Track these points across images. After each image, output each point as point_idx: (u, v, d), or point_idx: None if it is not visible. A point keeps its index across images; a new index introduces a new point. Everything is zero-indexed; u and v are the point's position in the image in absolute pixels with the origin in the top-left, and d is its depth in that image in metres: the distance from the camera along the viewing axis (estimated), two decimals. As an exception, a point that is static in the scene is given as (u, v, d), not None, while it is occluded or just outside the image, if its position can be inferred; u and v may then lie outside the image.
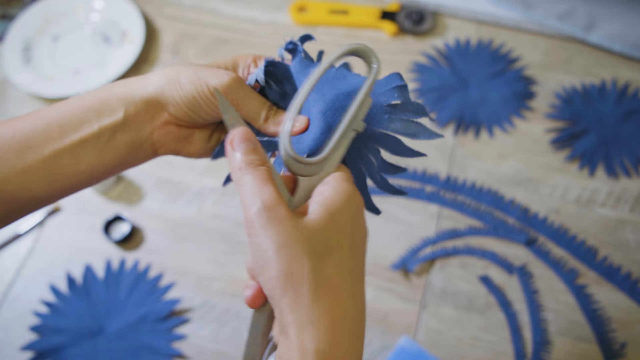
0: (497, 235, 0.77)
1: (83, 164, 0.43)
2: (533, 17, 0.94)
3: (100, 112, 0.43)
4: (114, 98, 0.43)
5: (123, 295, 0.74)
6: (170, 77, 0.43)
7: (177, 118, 0.44)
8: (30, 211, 0.44)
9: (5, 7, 1.00)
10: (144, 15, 0.98)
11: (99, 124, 0.42)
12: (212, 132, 0.47)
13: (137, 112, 0.43)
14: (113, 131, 0.43)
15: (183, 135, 0.45)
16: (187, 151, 0.46)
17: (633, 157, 0.83)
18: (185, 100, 0.43)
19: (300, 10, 0.98)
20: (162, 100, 0.43)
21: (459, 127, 0.86)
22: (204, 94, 0.42)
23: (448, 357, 0.70)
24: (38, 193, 0.42)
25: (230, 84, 0.42)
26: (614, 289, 0.74)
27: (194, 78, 0.43)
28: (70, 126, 0.42)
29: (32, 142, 0.41)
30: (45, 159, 0.42)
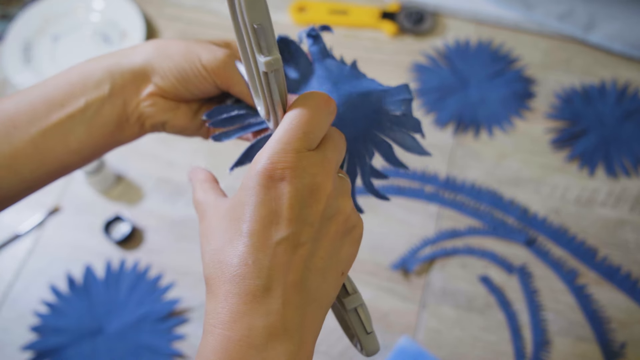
0: (497, 235, 0.77)
1: (71, 141, 0.42)
2: (533, 17, 0.94)
3: (85, 86, 0.42)
4: (99, 70, 0.42)
5: (123, 295, 0.74)
6: (160, 48, 0.42)
7: (163, 90, 0.43)
8: (20, 197, 0.43)
9: (5, 7, 1.00)
10: (144, 15, 0.98)
11: (85, 98, 0.42)
12: (198, 108, 0.46)
13: (123, 83, 0.42)
14: (100, 104, 0.42)
15: (169, 107, 0.44)
16: (173, 124, 0.45)
17: (633, 157, 0.83)
18: (175, 72, 0.42)
19: (300, 10, 0.98)
20: (149, 71, 0.42)
21: (458, 127, 0.86)
22: (196, 68, 0.42)
23: (448, 357, 0.70)
24: (27, 175, 0.41)
25: (225, 60, 0.42)
26: (614, 289, 0.74)
27: (185, 51, 0.42)
28: (55, 102, 0.41)
29: (17, 122, 0.40)
30: (32, 138, 0.40)
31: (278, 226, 0.32)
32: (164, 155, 0.85)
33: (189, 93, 0.44)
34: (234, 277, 0.32)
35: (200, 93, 0.44)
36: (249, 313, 0.32)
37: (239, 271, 0.32)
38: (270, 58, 0.33)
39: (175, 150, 0.85)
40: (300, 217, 0.33)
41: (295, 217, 0.32)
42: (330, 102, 0.35)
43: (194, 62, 0.42)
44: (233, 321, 0.31)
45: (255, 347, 0.31)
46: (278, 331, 0.32)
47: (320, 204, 0.33)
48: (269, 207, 0.32)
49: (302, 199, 0.33)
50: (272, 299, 0.32)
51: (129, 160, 0.84)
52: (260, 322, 0.31)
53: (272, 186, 0.32)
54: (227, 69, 0.42)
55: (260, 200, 0.32)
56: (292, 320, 0.32)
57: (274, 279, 0.32)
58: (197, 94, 0.44)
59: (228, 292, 0.32)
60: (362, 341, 0.38)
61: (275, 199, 0.32)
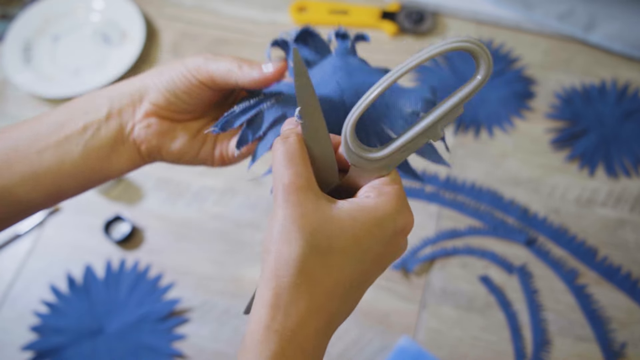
0: (497, 235, 0.77)
1: (67, 163, 0.42)
2: (533, 17, 0.94)
3: (85, 110, 0.43)
4: (100, 97, 0.44)
5: (123, 295, 0.74)
6: (155, 69, 0.44)
7: (157, 106, 0.44)
8: (14, 220, 0.44)
9: (5, 7, 1.00)
10: (144, 15, 0.98)
11: (84, 121, 0.43)
12: (197, 131, 0.46)
13: (120, 106, 0.43)
14: (97, 127, 0.43)
15: (164, 129, 0.45)
16: (168, 148, 0.45)
17: (633, 157, 0.83)
18: (165, 84, 0.43)
19: (300, 10, 0.98)
20: (144, 90, 0.44)
21: (459, 127, 0.86)
22: (180, 72, 0.43)
23: (448, 357, 0.70)
24: (22, 197, 0.42)
25: (206, 56, 0.43)
26: (614, 289, 0.74)
27: (173, 64, 0.44)
28: (56, 126, 0.42)
29: (19, 145, 0.42)
30: (30, 159, 0.42)
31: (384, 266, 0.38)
32: (164, 155, 0.85)
33: (181, 102, 0.44)
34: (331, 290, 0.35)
35: (191, 100, 0.44)
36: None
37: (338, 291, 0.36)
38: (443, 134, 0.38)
39: (175, 150, 0.85)
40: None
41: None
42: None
43: (179, 69, 0.43)
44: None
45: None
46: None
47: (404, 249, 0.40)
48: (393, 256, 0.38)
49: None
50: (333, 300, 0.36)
51: (129, 160, 0.84)
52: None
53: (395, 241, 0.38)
54: (206, 63, 0.43)
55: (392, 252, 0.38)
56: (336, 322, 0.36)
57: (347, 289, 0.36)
58: (189, 102, 0.44)
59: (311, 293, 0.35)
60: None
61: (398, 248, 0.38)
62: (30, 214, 0.44)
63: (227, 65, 0.42)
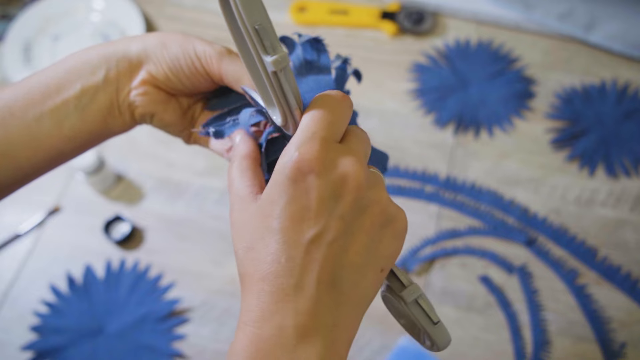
0: (497, 235, 0.77)
1: (66, 127, 0.42)
2: (533, 17, 0.94)
3: (81, 73, 0.42)
4: (96, 57, 0.43)
5: (123, 295, 0.74)
6: (158, 38, 0.43)
7: (156, 78, 0.43)
8: (17, 185, 0.43)
9: (5, 7, 1.00)
10: (144, 15, 0.98)
11: (81, 84, 0.42)
12: (188, 107, 0.46)
13: (118, 70, 0.42)
14: (94, 91, 0.42)
15: (160, 99, 0.44)
16: (160, 117, 0.45)
17: (633, 157, 0.83)
18: (168, 61, 0.42)
19: (300, 10, 0.98)
20: (144, 59, 0.43)
21: (459, 127, 0.86)
22: (189, 55, 0.42)
23: (448, 357, 0.70)
24: (23, 162, 0.41)
25: (220, 50, 0.42)
26: (614, 289, 0.74)
27: (181, 41, 0.42)
28: (51, 89, 0.42)
29: (14, 109, 0.41)
30: (28, 124, 0.41)
31: (309, 222, 0.32)
32: (164, 155, 0.85)
33: (181, 84, 0.44)
34: (267, 275, 0.32)
35: (192, 85, 0.44)
36: (280, 312, 0.31)
37: (272, 269, 0.32)
38: (277, 56, 0.32)
39: (175, 150, 0.85)
40: (331, 211, 0.32)
41: (325, 210, 0.32)
42: (347, 97, 0.35)
43: (187, 52, 0.42)
44: (264, 319, 0.31)
45: (284, 346, 0.31)
46: (309, 331, 0.31)
47: (351, 194, 0.32)
48: (299, 203, 0.32)
49: (332, 191, 0.32)
50: (303, 297, 0.31)
51: (129, 160, 0.84)
52: (291, 322, 0.31)
53: (301, 180, 0.32)
54: (220, 59, 0.42)
55: (290, 196, 0.32)
56: (323, 321, 0.31)
57: (305, 277, 0.31)
58: (188, 87, 0.44)
59: (261, 290, 0.32)
60: (431, 334, 0.36)
61: (305, 193, 0.32)
62: (33, 178, 0.43)
63: (241, 72, 0.42)
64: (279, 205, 0.32)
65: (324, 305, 0.32)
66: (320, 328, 0.31)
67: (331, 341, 0.32)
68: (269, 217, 0.33)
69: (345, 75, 0.44)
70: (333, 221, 0.32)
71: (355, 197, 0.32)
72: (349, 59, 0.44)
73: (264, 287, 0.32)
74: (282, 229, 0.32)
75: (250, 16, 0.31)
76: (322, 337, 0.31)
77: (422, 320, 0.36)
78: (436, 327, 0.36)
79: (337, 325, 0.32)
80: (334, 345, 0.32)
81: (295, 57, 0.45)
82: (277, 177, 0.33)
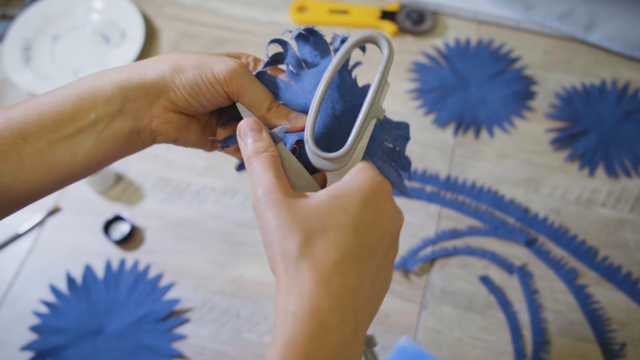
0: (497, 235, 0.77)
1: (80, 154, 0.42)
2: (533, 17, 0.94)
3: (95, 101, 0.42)
4: (110, 85, 0.42)
5: (123, 295, 0.74)
6: (173, 63, 0.43)
7: (176, 105, 0.43)
8: (27, 203, 0.43)
9: (5, 7, 1.00)
10: (144, 15, 0.98)
11: (95, 112, 0.42)
12: (205, 122, 0.47)
13: (135, 99, 0.42)
14: (110, 120, 0.42)
15: (183, 124, 0.45)
16: (185, 139, 0.46)
17: (633, 157, 0.83)
18: (187, 87, 0.42)
19: (300, 10, 0.98)
20: (162, 87, 0.42)
21: (459, 127, 0.86)
22: (207, 80, 0.42)
23: (448, 357, 0.70)
24: (34, 185, 0.41)
25: (237, 69, 0.42)
26: (614, 289, 0.74)
27: (197, 64, 0.42)
28: (65, 115, 0.41)
29: (26, 133, 0.40)
30: (41, 150, 0.41)
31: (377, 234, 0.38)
32: (164, 155, 0.85)
33: (202, 106, 0.44)
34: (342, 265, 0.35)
35: (212, 105, 0.44)
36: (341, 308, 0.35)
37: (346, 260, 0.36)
38: (385, 110, 0.40)
39: (175, 150, 0.85)
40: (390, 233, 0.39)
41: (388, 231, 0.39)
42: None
43: (206, 74, 0.42)
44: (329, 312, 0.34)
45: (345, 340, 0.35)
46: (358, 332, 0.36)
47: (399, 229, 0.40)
48: (381, 217, 0.38)
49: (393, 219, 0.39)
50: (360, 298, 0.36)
51: (128, 160, 0.84)
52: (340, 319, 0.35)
53: (386, 200, 0.38)
54: (238, 77, 0.42)
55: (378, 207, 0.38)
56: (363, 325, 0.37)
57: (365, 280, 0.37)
58: (208, 107, 0.44)
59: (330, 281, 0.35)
60: None
61: (384, 212, 0.38)
62: (43, 196, 0.44)
63: (258, 97, 0.43)
64: (365, 208, 0.37)
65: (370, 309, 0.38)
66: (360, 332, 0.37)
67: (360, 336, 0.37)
68: (345, 213, 0.36)
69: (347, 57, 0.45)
70: (386, 239, 0.38)
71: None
72: (347, 37, 0.45)
73: (333, 276, 0.35)
74: (360, 228, 0.36)
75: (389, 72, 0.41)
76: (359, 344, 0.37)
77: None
78: None
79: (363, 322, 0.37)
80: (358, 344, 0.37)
81: (290, 57, 0.45)
82: (364, 185, 0.37)
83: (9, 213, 0.43)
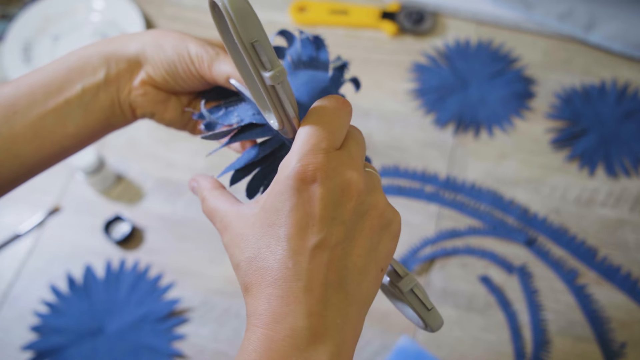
0: (497, 235, 0.77)
1: (69, 126, 0.43)
2: (533, 17, 0.94)
3: (82, 72, 0.43)
4: (96, 56, 0.43)
5: (123, 295, 0.74)
6: (154, 39, 0.43)
7: (154, 80, 0.44)
8: (21, 181, 0.44)
9: (5, 7, 1.00)
10: (144, 15, 0.98)
11: (82, 84, 0.43)
12: (188, 102, 0.47)
13: (118, 70, 0.43)
14: (96, 90, 0.43)
15: (160, 99, 0.45)
16: (161, 116, 0.46)
17: (633, 157, 0.83)
18: (164, 64, 0.43)
19: (300, 10, 0.98)
20: (142, 60, 0.43)
21: (458, 127, 0.86)
22: (184, 59, 0.42)
23: (448, 357, 0.70)
24: (27, 159, 0.42)
25: (212, 55, 0.42)
26: (614, 289, 0.74)
27: (177, 43, 0.43)
28: (53, 88, 0.42)
29: (17, 107, 0.42)
30: (32, 123, 0.42)
31: (313, 228, 0.33)
32: (164, 155, 0.85)
33: (178, 86, 0.44)
34: (276, 281, 0.33)
35: (188, 86, 0.45)
36: (292, 314, 0.32)
37: (280, 275, 0.33)
38: (274, 71, 0.33)
39: (175, 150, 0.85)
40: (334, 217, 0.33)
41: (329, 217, 0.33)
42: (346, 102, 0.36)
43: (183, 56, 0.43)
44: (275, 322, 0.32)
45: (297, 347, 0.32)
46: (320, 332, 0.32)
47: (351, 201, 0.33)
48: (303, 210, 0.33)
49: (334, 198, 0.33)
50: (313, 299, 0.32)
51: (129, 160, 0.84)
52: (302, 323, 0.32)
53: (304, 189, 0.33)
54: (213, 63, 0.42)
55: (294, 204, 0.33)
56: (333, 321, 0.33)
57: (314, 280, 0.32)
58: (185, 87, 0.45)
59: (270, 295, 0.33)
60: (425, 319, 0.39)
61: (309, 201, 0.33)
62: (36, 173, 0.44)
63: (232, 73, 0.42)
64: (284, 213, 0.33)
65: (333, 306, 0.33)
66: (330, 328, 0.32)
67: (341, 340, 0.33)
68: (273, 226, 0.33)
69: (342, 79, 0.44)
70: (336, 227, 0.33)
71: (355, 203, 0.34)
72: (348, 64, 0.44)
73: (273, 292, 0.32)
74: (287, 236, 0.33)
75: (246, 32, 0.32)
76: (332, 337, 0.32)
77: (418, 307, 0.39)
78: (430, 312, 0.39)
79: (345, 325, 0.33)
80: (344, 343, 0.33)
81: (293, 51, 0.45)
82: (280, 187, 0.33)
83: (2, 193, 0.43)
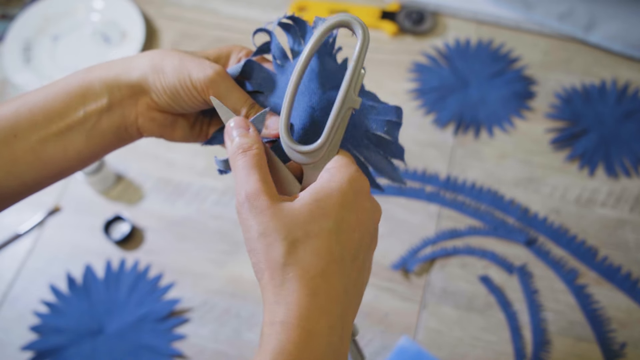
0: (497, 235, 0.77)
1: (70, 150, 0.43)
2: (533, 17, 0.94)
3: (84, 97, 0.43)
4: (97, 82, 0.43)
5: (123, 295, 0.74)
6: (155, 64, 0.43)
7: (158, 105, 0.44)
8: (21, 197, 0.44)
9: (5, 7, 1.00)
10: (144, 15, 0.98)
11: (84, 109, 0.43)
12: (195, 119, 0.48)
13: (121, 97, 0.43)
14: (98, 116, 0.43)
15: (167, 122, 0.46)
16: (171, 136, 0.47)
17: (633, 157, 0.83)
18: (167, 90, 0.43)
19: (301, 10, 0.98)
20: (145, 87, 0.43)
21: (459, 127, 0.86)
22: (186, 85, 0.42)
23: (448, 357, 0.70)
24: (27, 180, 0.43)
25: (214, 78, 0.42)
26: (614, 289, 0.74)
27: (178, 68, 0.43)
28: (55, 112, 0.42)
29: (17, 131, 0.41)
30: (33, 147, 0.42)
31: (356, 233, 0.38)
32: (164, 155, 0.85)
33: (182, 109, 0.45)
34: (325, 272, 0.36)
35: (192, 109, 0.45)
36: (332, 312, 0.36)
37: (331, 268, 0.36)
38: (362, 99, 0.39)
39: (175, 151, 0.85)
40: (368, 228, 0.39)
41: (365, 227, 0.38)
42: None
43: (184, 80, 0.42)
44: (317, 318, 0.35)
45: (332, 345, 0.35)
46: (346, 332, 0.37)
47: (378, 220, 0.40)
48: (355, 215, 0.38)
49: (372, 213, 0.39)
50: (349, 300, 0.37)
51: (129, 160, 0.84)
52: (339, 322, 0.36)
53: (360, 198, 0.38)
54: (215, 86, 0.42)
55: (352, 206, 0.37)
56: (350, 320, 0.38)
57: (351, 281, 0.37)
58: (189, 110, 0.45)
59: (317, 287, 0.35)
60: None
61: (361, 210, 0.38)
62: (36, 191, 0.44)
63: (236, 105, 0.43)
64: (346, 210, 0.37)
65: (354, 308, 0.38)
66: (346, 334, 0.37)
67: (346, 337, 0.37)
68: (327, 218, 0.36)
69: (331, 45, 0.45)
70: (367, 237, 0.38)
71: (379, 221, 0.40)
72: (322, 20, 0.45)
73: (320, 284, 0.35)
74: (342, 231, 0.36)
75: (364, 59, 0.38)
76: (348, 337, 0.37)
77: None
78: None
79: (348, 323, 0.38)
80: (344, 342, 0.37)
81: (274, 47, 0.45)
82: (343, 185, 0.37)
83: (2, 208, 0.43)
